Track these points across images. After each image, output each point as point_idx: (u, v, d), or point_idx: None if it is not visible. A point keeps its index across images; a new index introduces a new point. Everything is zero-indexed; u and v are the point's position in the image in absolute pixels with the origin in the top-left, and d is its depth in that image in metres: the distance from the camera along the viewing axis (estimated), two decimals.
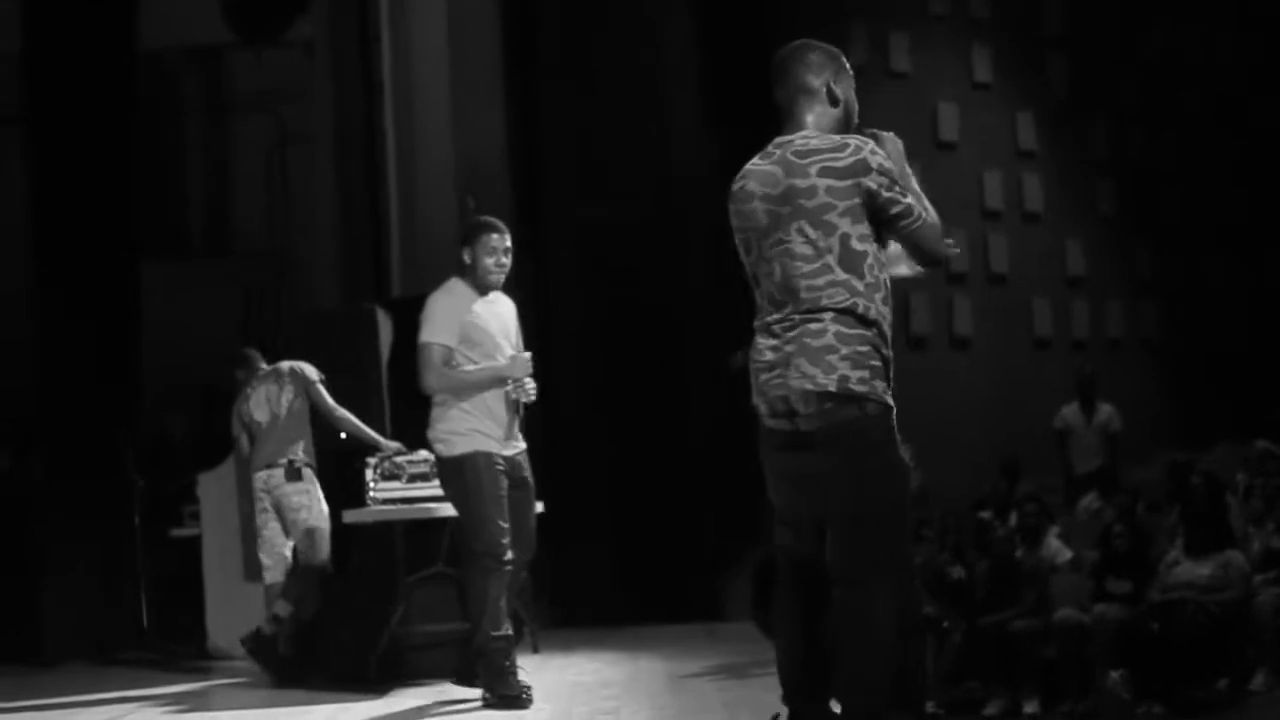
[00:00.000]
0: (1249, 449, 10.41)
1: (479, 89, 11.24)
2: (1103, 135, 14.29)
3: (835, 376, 4.42)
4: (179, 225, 16.13)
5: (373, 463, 8.11)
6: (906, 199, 4.51)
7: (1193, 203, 14.38)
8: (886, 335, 4.51)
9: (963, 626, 8.57)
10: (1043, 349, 13.86)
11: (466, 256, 7.03)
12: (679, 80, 11.45)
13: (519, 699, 6.85)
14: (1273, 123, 14.33)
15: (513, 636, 7.03)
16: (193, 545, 9.99)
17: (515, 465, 7.01)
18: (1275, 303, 14.12)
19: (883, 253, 4.55)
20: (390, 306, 9.65)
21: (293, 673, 8.16)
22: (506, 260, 7.05)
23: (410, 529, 8.11)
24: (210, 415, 11.87)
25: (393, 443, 8.22)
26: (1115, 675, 7.85)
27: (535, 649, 8.85)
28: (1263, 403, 12.00)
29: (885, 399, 4.48)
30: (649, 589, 10.78)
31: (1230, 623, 8.13)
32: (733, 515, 10.48)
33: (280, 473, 8.35)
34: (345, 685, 7.79)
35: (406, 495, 8.03)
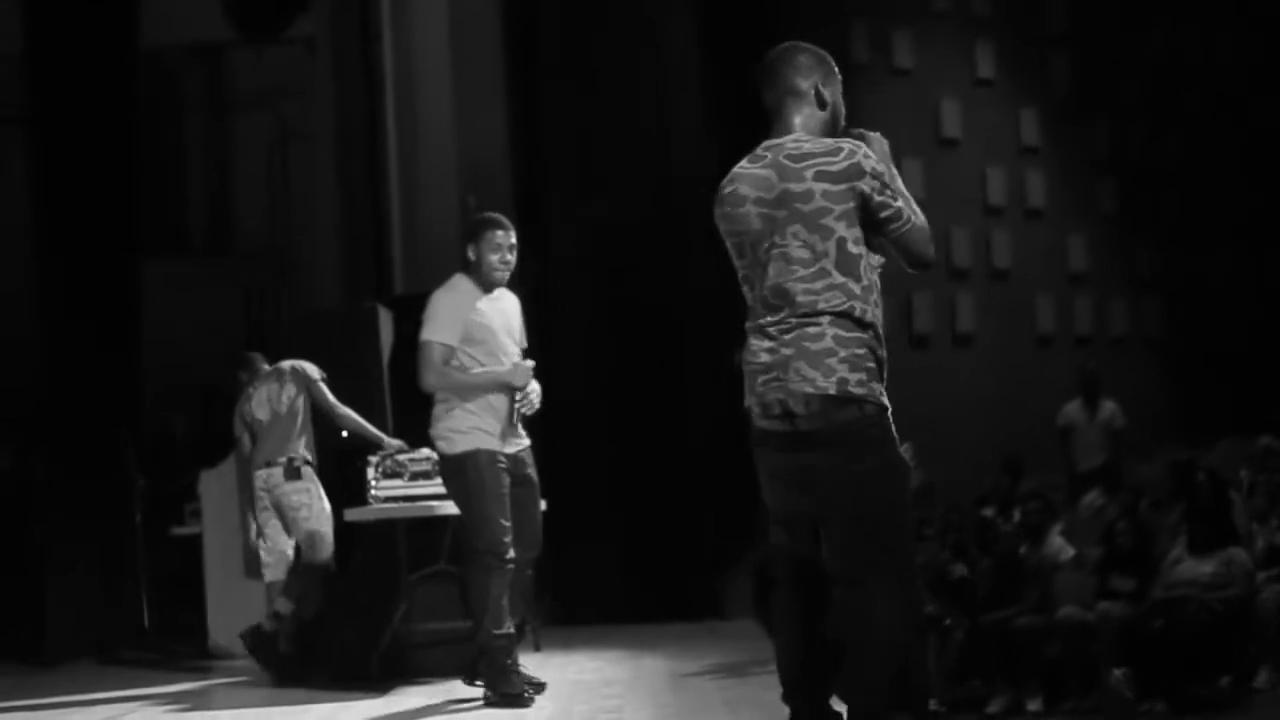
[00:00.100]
0: (1252, 446, 10.36)
1: (480, 87, 11.25)
2: (1105, 133, 14.26)
3: (834, 379, 4.43)
4: (180, 224, 16.13)
5: (375, 461, 8.11)
6: (897, 202, 4.52)
7: (1195, 200, 14.35)
8: (881, 336, 4.54)
9: (965, 624, 8.54)
10: (1045, 346, 13.83)
11: (471, 253, 7.02)
12: (679, 80, 11.42)
13: (521, 697, 6.85)
14: (1274, 122, 14.30)
15: (515, 635, 7.02)
16: (194, 543, 9.99)
17: (518, 462, 7.00)
18: (1278, 300, 14.10)
19: (872, 255, 4.56)
20: (391, 305, 9.65)
21: (293, 671, 8.15)
22: (511, 257, 7.04)
23: (412, 527, 8.11)
24: (210, 414, 11.88)
25: (395, 441, 8.22)
26: (1118, 673, 7.81)
27: (537, 647, 8.84)
28: (1266, 399, 11.98)
29: (882, 400, 4.51)
30: (650, 587, 10.78)
31: (1233, 620, 8.10)
32: (733, 514, 10.46)
33: (279, 471, 8.35)
34: (347, 684, 7.79)
35: (408, 493, 8.03)
